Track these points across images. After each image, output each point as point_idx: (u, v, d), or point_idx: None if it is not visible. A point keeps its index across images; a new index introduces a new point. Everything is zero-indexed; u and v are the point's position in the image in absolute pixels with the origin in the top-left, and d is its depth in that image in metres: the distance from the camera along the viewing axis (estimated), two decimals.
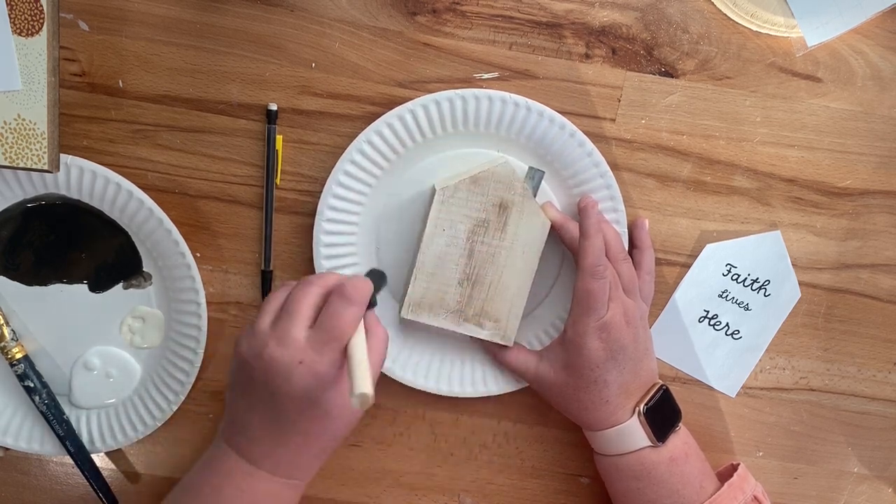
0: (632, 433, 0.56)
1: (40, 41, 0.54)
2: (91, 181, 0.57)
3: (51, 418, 0.60)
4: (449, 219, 0.56)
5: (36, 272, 0.60)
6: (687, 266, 0.62)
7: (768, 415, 0.64)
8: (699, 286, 0.62)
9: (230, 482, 0.51)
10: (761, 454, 0.65)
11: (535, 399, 0.62)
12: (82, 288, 0.60)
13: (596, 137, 0.59)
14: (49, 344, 0.61)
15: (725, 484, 0.57)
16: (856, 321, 0.64)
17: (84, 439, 0.61)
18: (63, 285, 0.60)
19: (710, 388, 0.64)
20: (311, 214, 0.59)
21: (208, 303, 0.60)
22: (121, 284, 0.60)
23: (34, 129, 0.55)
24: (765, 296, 0.63)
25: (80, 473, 0.61)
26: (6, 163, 0.55)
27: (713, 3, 0.59)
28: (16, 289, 0.60)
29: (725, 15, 0.59)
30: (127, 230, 0.59)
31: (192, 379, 0.60)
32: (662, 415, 0.57)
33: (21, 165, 0.55)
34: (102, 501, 0.62)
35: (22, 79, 0.54)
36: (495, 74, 0.59)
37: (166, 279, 0.60)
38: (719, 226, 0.62)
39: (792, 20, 0.59)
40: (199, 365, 0.60)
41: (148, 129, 0.59)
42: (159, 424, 0.61)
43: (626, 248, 0.59)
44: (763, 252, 0.62)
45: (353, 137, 0.58)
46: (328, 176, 0.58)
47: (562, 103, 0.59)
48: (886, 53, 0.60)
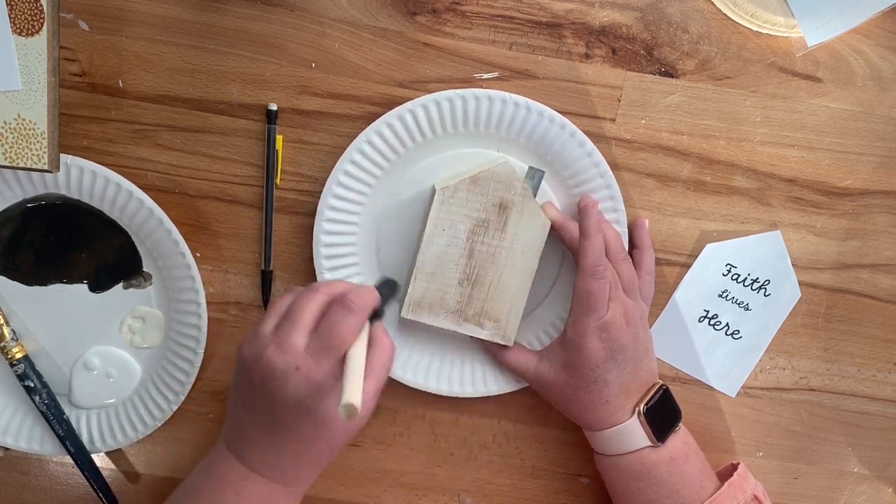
0: (632, 433, 0.56)
1: (40, 41, 0.54)
2: (91, 181, 0.57)
3: (51, 418, 0.60)
4: (449, 219, 0.56)
5: (36, 272, 0.60)
6: (687, 266, 0.62)
7: (768, 415, 0.64)
8: (699, 286, 0.62)
9: (228, 486, 0.51)
10: (761, 454, 0.65)
11: (535, 399, 0.62)
12: (82, 288, 0.60)
13: (596, 137, 0.59)
14: (49, 344, 0.61)
15: (725, 483, 0.57)
16: (856, 321, 0.64)
17: (84, 439, 0.61)
18: (63, 285, 0.60)
19: (710, 388, 0.64)
20: (311, 214, 0.59)
21: (208, 303, 0.60)
22: (121, 284, 0.60)
23: (34, 129, 0.55)
24: (765, 296, 0.63)
25: (80, 473, 0.61)
26: (6, 163, 0.55)
27: (713, 3, 0.59)
28: (16, 289, 0.60)
29: (725, 15, 0.59)
30: (127, 230, 0.59)
31: (192, 379, 0.60)
32: (662, 415, 0.57)
33: (21, 165, 0.55)
34: (102, 501, 0.62)
35: (22, 79, 0.54)
36: (495, 74, 0.59)
37: (166, 279, 0.60)
38: (719, 226, 0.62)
39: (792, 20, 0.59)
40: (199, 365, 0.60)
41: (148, 129, 0.59)
42: (159, 424, 0.61)
43: (626, 248, 0.59)
44: (763, 252, 0.62)
45: (353, 137, 0.58)
46: (328, 176, 0.58)
47: (562, 103, 0.59)
48: (886, 53, 0.60)
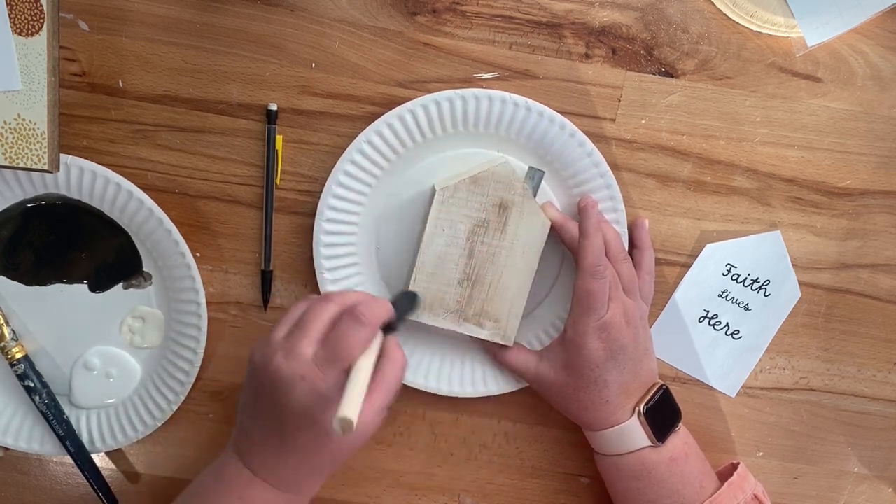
0: (632, 433, 0.56)
1: (40, 41, 0.54)
2: (91, 181, 0.57)
3: (51, 418, 0.60)
4: (449, 219, 0.56)
5: (36, 272, 0.60)
6: (687, 266, 0.62)
7: (768, 415, 0.64)
8: (699, 286, 0.62)
9: (232, 490, 0.51)
10: (761, 454, 0.65)
11: (535, 399, 0.62)
12: (82, 288, 0.60)
13: (596, 137, 0.59)
14: (49, 344, 0.61)
15: (725, 483, 0.57)
16: (856, 321, 0.64)
17: (84, 439, 0.61)
18: (63, 285, 0.60)
19: (710, 388, 0.64)
20: (311, 214, 0.59)
21: (208, 303, 0.60)
22: (121, 284, 0.60)
23: (34, 129, 0.55)
24: (765, 296, 0.63)
25: (80, 473, 0.61)
26: (6, 163, 0.55)
27: (713, 3, 0.59)
28: (16, 289, 0.60)
29: (725, 15, 0.59)
30: (127, 230, 0.59)
31: (192, 379, 0.60)
32: (662, 415, 0.57)
33: (21, 165, 0.55)
34: (102, 501, 0.62)
35: (22, 79, 0.54)
36: (495, 74, 0.59)
37: (166, 279, 0.60)
38: (719, 226, 0.62)
39: (792, 20, 0.59)
40: (199, 365, 0.60)
41: (148, 129, 0.59)
42: (159, 424, 0.61)
43: (626, 248, 0.59)
44: (763, 252, 0.62)
45: (353, 137, 0.58)
46: (328, 176, 0.58)
47: (562, 103, 0.59)
48: (886, 53, 0.60)
